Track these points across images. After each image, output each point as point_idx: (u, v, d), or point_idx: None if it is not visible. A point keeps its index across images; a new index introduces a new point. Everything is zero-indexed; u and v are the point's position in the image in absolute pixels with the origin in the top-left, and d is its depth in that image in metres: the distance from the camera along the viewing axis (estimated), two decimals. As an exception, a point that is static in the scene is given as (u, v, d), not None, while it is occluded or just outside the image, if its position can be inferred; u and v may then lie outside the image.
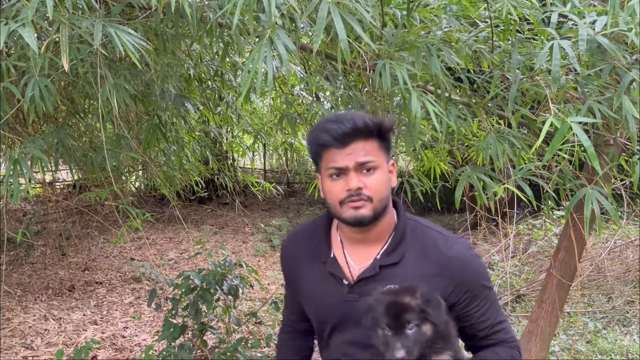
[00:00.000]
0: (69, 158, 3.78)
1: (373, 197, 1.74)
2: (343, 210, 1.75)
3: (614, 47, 2.34)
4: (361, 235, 1.84)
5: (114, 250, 9.60)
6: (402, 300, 1.62)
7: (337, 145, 1.72)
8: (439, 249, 1.81)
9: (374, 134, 1.75)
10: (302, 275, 1.96)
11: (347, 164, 1.72)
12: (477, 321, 1.82)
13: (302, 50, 3.30)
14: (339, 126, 1.71)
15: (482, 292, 1.83)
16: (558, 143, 2.15)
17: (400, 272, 1.79)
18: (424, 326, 1.60)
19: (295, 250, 2.02)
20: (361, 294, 1.78)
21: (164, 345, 4.44)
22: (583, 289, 6.85)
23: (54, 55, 2.57)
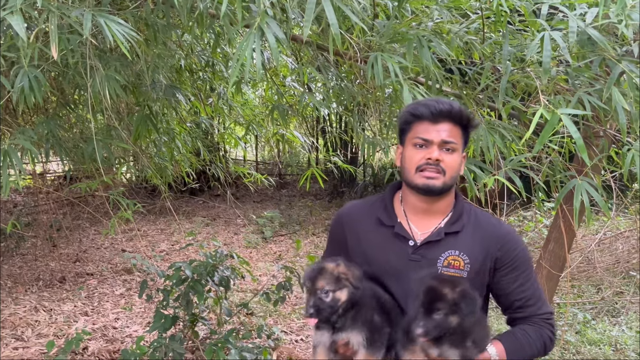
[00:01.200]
0: (60, 149, 3.76)
1: (447, 172, 1.98)
2: (417, 177, 2.00)
3: (604, 38, 2.34)
4: (426, 205, 2.08)
5: (105, 241, 9.57)
6: (440, 290, 1.81)
7: (430, 119, 1.98)
8: (493, 225, 2.11)
9: (462, 122, 2.01)
10: (364, 236, 2.15)
11: (434, 138, 1.97)
12: (514, 291, 2.06)
13: (293, 41, 3.29)
14: (438, 104, 1.98)
15: (522, 266, 2.07)
16: (548, 134, 2.16)
17: (461, 240, 2.05)
18: (451, 317, 1.79)
19: (357, 214, 2.22)
20: (424, 256, 2.03)
21: (155, 336, 4.44)
22: (573, 280, 6.89)
23: (43, 45, 2.55)
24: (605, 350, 5.25)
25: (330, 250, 2.30)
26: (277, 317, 6.22)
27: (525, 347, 2.04)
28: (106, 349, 5.22)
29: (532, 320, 2.08)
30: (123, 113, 5.09)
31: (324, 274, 1.93)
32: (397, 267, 2.06)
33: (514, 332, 2.07)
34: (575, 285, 6.92)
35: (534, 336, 2.05)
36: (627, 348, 5.27)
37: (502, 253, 2.05)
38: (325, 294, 1.91)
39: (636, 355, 5.13)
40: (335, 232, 2.28)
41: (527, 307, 2.08)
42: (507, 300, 2.10)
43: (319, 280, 1.92)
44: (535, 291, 2.09)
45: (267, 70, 4.32)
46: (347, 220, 2.23)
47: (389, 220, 2.12)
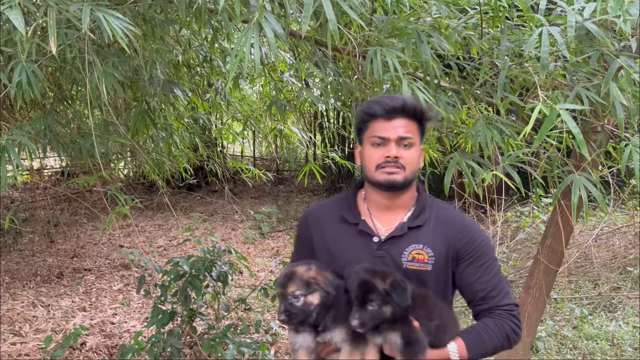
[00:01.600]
0: (57, 144, 3.75)
1: (406, 167, 2.03)
2: (377, 174, 2.04)
3: (603, 33, 2.34)
4: (388, 202, 2.13)
5: (103, 237, 9.57)
6: (371, 281, 1.88)
7: (384, 117, 2.01)
8: (454, 217, 2.16)
9: (417, 116, 2.05)
10: (329, 235, 2.19)
11: (390, 135, 2.01)
12: (476, 282, 2.09)
13: (291, 37, 3.29)
14: (390, 101, 2.02)
15: (483, 257, 2.10)
16: (547, 130, 2.16)
17: (424, 234, 2.09)
18: (385, 307, 1.86)
19: (322, 213, 2.25)
20: (388, 252, 2.07)
21: (153, 331, 4.45)
22: (570, 276, 6.91)
23: (41, 40, 2.54)
24: (602, 345, 5.27)
25: (299, 250, 2.33)
26: (275, 312, 6.23)
27: (486, 341, 2.05)
28: (104, 344, 5.22)
29: (494, 312, 2.09)
30: (121, 108, 5.08)
31: (294, 278, 1.96)
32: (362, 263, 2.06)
33: (474, 327, 2.09)
34: (572, 281, 6.94)
35: (495, 329, 2.06)
36: (623, 343, 5.29)
37: (464, 244, 2.09)
38: (295, 298, 1.94)
39: (633, 350, 5.15)
40: (302, 233, 2.30)
41: (489, 298, 2.10)
42: (470, 291, 2.12)
43: (289, 286, 1.96)
44: (498, 283, 2.12)
45: (265, 65, 4.32)
46: (312, 220, 2.26)
47: (353, 218, 2.16)
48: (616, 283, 6.77)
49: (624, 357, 5.04)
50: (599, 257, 7.26)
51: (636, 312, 6.06)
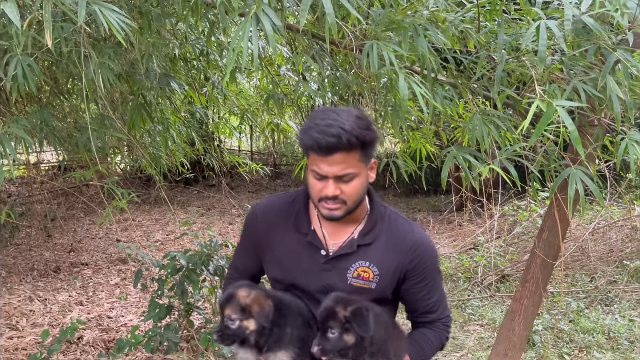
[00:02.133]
0: (54, 138, 3.74)
1: (347, 201, 1.95)
2: (319, 206, 1.97)
3: (600, 27, 2.34)
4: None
5: (100, 231, 9.56)
6: (332, 308, 1.89)
7: (320, 154, 1.86)
8: (404, 235, 2.10)
9: (356, 147, 1.88)
10: (276, 241, 2.14)
11: (327, 173, 1.89)
12: (420, 299, 2.13)
13: (288, 30, 3.28)
14: (324, 138, 1.82)
15: (431, 274, 2.13)
16: (544, 126, 2.16)
17: (372, 251, 2.06)
18: (345, 335, 1.86)
19: (271, 217, 2.19)
20: (335, 266, 2.06)
21: (150, 325, 4.46)
22: (567, 270, 6.93)
23: (36, 33, 2.53)
24: (598, 338, 5.29)
25: (242, 244, 2.32)
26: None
27: (427, 352, 2.15)
28: (101, 338, 5.23)
29: (434, 324, 2.19)
30: (117, 102, 5.06)
31: (232, 302, 1.98)
32: (309, 275, 2.09)
33: (416, 339, 2.15)
34: (569, 274, 6.96)
35: (434, 340, 2.17)
36: (620, 336, 5.31)
37: (413, 265, 2.07)
38: (231, 321, 1.96)
39: (629, 343, 5.17)
40: (249, 229, 2.27)
41: (431, 313, 2.17)
42: (413, 306, 2.18)
43: (226, 308, 1.98)
44: (439, 297, 2.18)
45: (262, 59, 4.31)
46: (261, 220, 2.21)
47: (303, 227, 2.11)
48: (613, 277, 6.79)
49: (620, 350, 5.06)
50: (595, 250, 7.29)
51: (632, 305, 6.08)
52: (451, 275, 7.36)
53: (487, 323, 5.86)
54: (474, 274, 7.17)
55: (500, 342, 3.83)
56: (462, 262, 7.68)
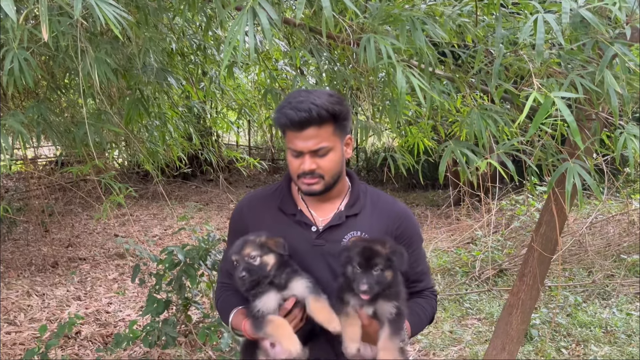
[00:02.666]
0: (51, 133, 3.73)
1: (325, 175, 2.05)
2: (299, 183, 2.08)
3: (597, 21, 2.33)
4: (321, 196, 2.14)
5: (98, 226, 9.56)
6: (374, 247, 1.96)
7: (294, 129, 1.98)
8: (389, 203, 2.24)
9: (328, 120, 1.99)
10: (266, 226, 2.18)
11: (303, 149, 2.00)
12: (410, 266, 2.14)
13: (286, 24, 3.27)
14: (296, 113, 1.95)
15: (417, 242, 2.24)
16: (541, 118, 2.15)
17: (360, 221, 2.15)
18: (387, 271, 1.95)
19: (257, 205, 2.28)
20: (327, 240, 2.12)
21: (148, 320, 4.45)
22: (564, 264, 6.94)
23: (33, 27, 2.52)
24: (595, 332, 5.30)
25: (232, 239, 2.30)
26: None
27: (423, 320, 2.24)
28: (99, 333, 5.23)
29: (424, 293, 2.28)
30: (114, 97, 5.05)
31: (249, 243, 2.05)
32: (301, 253, 2.13)
33: (413, 308, 2.20)
34: (566, 269, 6.97)
35: (427, 308, 2.26)
36: (617, 330, 5.32)
37: (401, 231, 2.18)
38: (252, 259, 2.02)
39: (626, 337, 5.18)
40: (236, 224, 2.32)
41: (419, 282, 2.27)
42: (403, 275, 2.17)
43: (244, 249, 2.03)
44: (425, 266, 2.31)
45: (260, 54, 4.29)
46: (247, 211, 2.29)
47: (289, 208, 2.19)
48: (610, 271, 6.80)
49: (617, 344, 5.07)
50: (593, 244, 7.30)
51: (630, 299, 6.09)
52: (449, 269, 7.37)
53: (484, 317, 5.87)
54: (471, 268, 7.18)
55: (498, 335, 3.83)
56: (459, 256, 7.69)
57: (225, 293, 2.33)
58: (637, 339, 5.15)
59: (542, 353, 4.92)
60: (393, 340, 1.96)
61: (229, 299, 2.27)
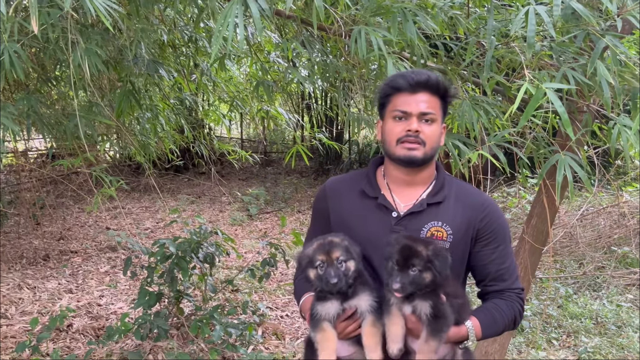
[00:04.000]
0: (42, 125, 3.71)
1: (427, 143, 2.02)
2: (397, 149, 2.03)
3: (589, 13, 2.34)
4: (409, 177, 2.12)
5: (89, 219, 9.53)
6: (415, 247, 1.91)
7: (408, 90, 2.01)
8: (473, 195, 2.17)
9: (440, 92, 2.04)
10: (347, 208, 2.18)
11: (412, 110, 2.00)
12: (491, 263, 2.12)
13: (277, 16, 3.26)
14: (415, 75, 2.02)
15: (501, 238, 2.13)
16: (533, 109, 2.16)
17: (443, 211, 2.09)
18: (425, 273, 1.89)
19: (341, 187, 2.26)
20: (407, 227, 2.07)
21: (140, 312, 4.45)
22: (555, 255, 6.97)
23: (23, 19, 2.50)
24: (586, 323, 5.33)
25: (315, 224, 2.33)
26: (262, 293, 6.25)
27: (498, 322, 2.09)
28: (91, 325, 5.22)
29: (505, 294, 2.14)
30: (106, 89, 5.02)
31: (336, 246, 1.99)
32: (380, 238, 2.07)
33: (487, 307, 2.12)
34: (557, 260, 7.00)
35: (507, 311, 2.10)
36: (607, 321, 5.36)
37: (484, 224, 2.10)
38: (340, 263, 1.97)
39: (616, 328, 5.22)
40: (319, 206, 2.30)
41: (502, 280, 2.14)
42: (484, 271, 2.15)
43: (333, 252, 1.98)
44: (511, 265, 2.16)
45: (251, 46, 4.28)
46: (330, 193, 2.25)
47: (373, 192, 2.14)
48: (601, 262, 6.84)
49: (608, 335, 5.11)
50: (584, 236, 7.33)
51: (620, 290, 6.13)
52: (441, 261, 7.38)
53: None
54: (463, 261, 7.19)
55: (489, 327, 3.85)
56: (451, 248, 7.70)
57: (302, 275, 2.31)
58: (627, 330, 5.19)
59: (533, 344, 4.95)
60: (429, 342, 1.92)
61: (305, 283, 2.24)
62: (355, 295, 2.00)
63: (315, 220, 2.33)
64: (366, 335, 1.98)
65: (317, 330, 2.00)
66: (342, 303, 2.00)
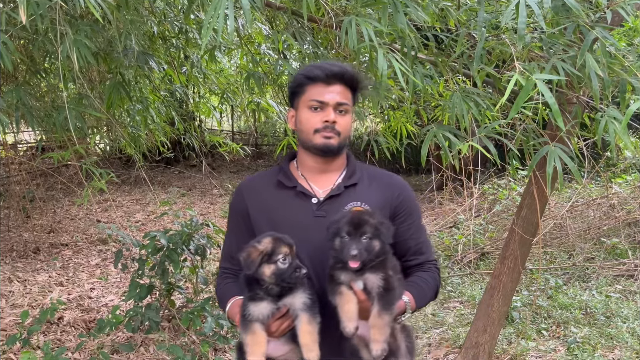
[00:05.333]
0: (31, 118, 3.69)
1: (341, 133, 2.12)
2: (315, 138, 2.12)
3: (579, 5, 2.34)
4: (323, 165, 2.21)
5: (80, 212, 9.49)
6: (362, 216, 1.98)
7: (324, 81, 2.09)
8: (385, 176, 2.30)
9: (353, 85, 2.15)
10: (266, 202, 2.23)
11: (329, 100, 2.09)
12: (410, 237, 2.22)
13: (268, 8, 3.25)
14: (331, 67, 2.11)
15: (416, 212, 2.28)
16: (523, 100, 2.16)
17: (359, 191, 2.19)
18: (374, 241, 1.96)
19: (256, 183, 2.32)
20: (328, 211, 2.13)
21: (131, 305, 4.44)
22: (545, 247, 7.01)
23: (11, 10, 2.49)
24: (575, 314, 5.37)
25: (233, 225, 2.35)
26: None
27: (427, 293, 2.22)
28: (82, 318, 5.21)
29: (425, 266, 2.26)
30: (95, 81, 5.00)
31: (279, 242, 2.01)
32: (303, 225, 2.14)
33: (415, 280, 2.21)
34: (547, 252, 7.04)
35: (431, 282, 2.24)
36: (597, 312, 5.40)
37: (400, 200, 2.22)
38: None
39: (605, 319, 5.26)
40: (236, 207, 2.33)
41: (421, 254, 2.26)
42: (404, 246, 2.23)
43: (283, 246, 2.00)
44: (426, 240, 2.31)
45: (242, 37, 4.26)
46: (247, 192, 2.30)
47: (290, 182, 2.22)
48: (590, 254, 6.88)
49: (597, 326, 5.15)
50: (573, 228, 7.37)
51: (609, 281, 6.17)
52: (432, 253, 7.41)
53: (466, 300, 5.93)
54: (454, 252, 7.23)
55: (479, 318, 3.88)
56: (442, 240, 7.74)
57: (225, 281, 2.33)
58: (616, 320, 5.23)
59: (523, 335, 4.98)
60: (382, 316, 1.95)
61: (229, 288, 2.27)
62: (288, 294, 2.00)
63: (233, 222, 2.35)
64: (302, 334, 1.98)
65: (247, 332, 1.99)
66: (276, 302, 2.00)
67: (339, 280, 1.99)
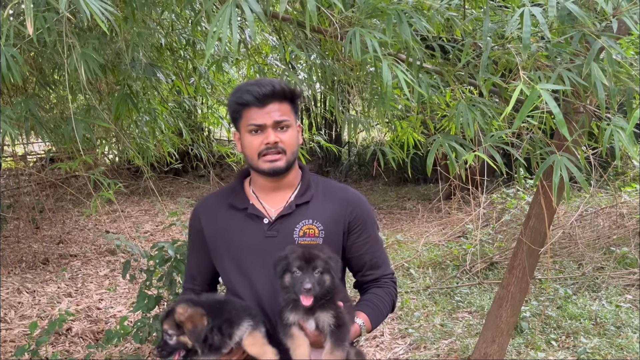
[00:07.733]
0: (40, 129, 3.71)
1: (287, 150, 2.11)
2: (260, 162, 2.11)
3: (584, 14, 2.34)
4: (275, 184, 2.20)
5: (89, 223, 9.53)
6: (312, 251, 1.98)
7: (257, 105, 2.07)
8: (340, 190, 2.28)
9: (287, 98, 2.12)
10: (219, 223, 2.24)
11: (266, 121, 2.07)
12: (365, 252, 2.23)
13: (274, 19, 3.26)
14: (260, 88, 2.06)
15: (371, 226, 2.26)
16: (527, 110, 2.16)
17: (312, 209, 2.18)
18: (325, 275, 1.96)
19: (210, 204, 2.32)
20: (279, 231, 2.14)
21: (139, 316, 4.45)
22: (554, 256, 6.97)
23: (19, 23, 2.51)
24: (585, 324, 5.33)
25: (192, 244, 2.38)
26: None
27: (382, 311, 2.23)
28: (90, 329, 5.22)
29: (380, 281, 2.31)
30: (103, 92, 5.02)
31: (170, 317, 2.05)
32: (255, 246, 2.16)
33: (369, 299, 2.24)
34: (557, 261, 7.00)
35: (386, 298, 2.25)
36: (607, 322, 5.36)
37: (354, 216, 2.21)
38: (169, 336, 2.04)
39: (615, 329, 5.22)
40: (194, 227, 2.35)
41: (377, 268, 2.27)
42: (360, 261, 2.26)
43: (164, 323, 2.06)
44: (382, 253, 2.32)
45: (249, 48, 4.28)
46: (201, 211, 2.32)
47: (242, 203, 2.22)
48: (600, 263, 6.84)
49: (607, 336, 5.10)
50: (583, 237, 7.33)
51: (619, 291, 6.13)
52: (440, 263, 7.39)
53: (475, 310, 5.89)
54: (462, 262, 7.20)
55: (488, 328, 3.85)
56: (450, 250, 7.71)
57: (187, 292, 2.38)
58: (626, 330, 5.19)
59: (532, 345, 4.95)
60: (335, 353, 1.96)
61: None
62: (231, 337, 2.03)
63: (192, 240, 2.38)
64: (250, 347, 2.03)
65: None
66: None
67: (290, 321, 2.00)
